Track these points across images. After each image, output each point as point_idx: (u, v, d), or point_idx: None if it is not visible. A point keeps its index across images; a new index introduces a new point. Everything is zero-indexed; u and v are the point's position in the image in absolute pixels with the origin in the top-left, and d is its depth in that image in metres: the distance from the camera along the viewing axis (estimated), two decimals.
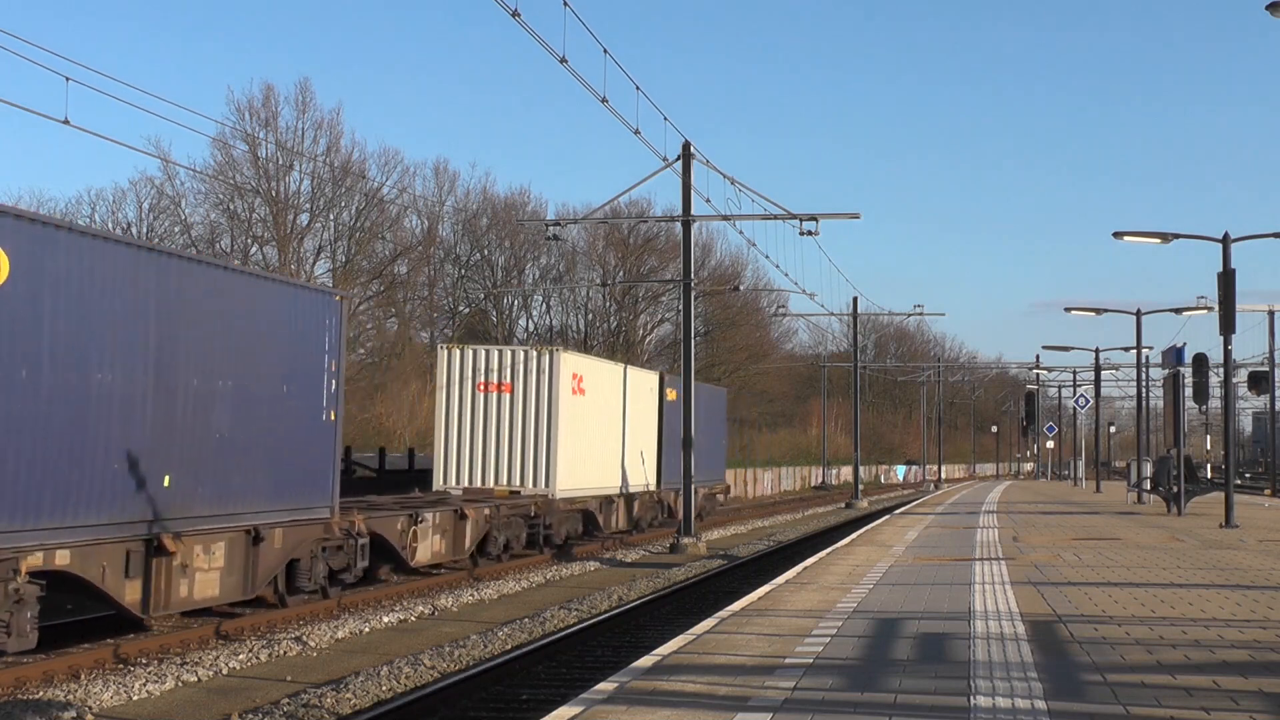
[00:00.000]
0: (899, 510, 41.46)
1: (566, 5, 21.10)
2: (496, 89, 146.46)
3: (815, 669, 9.41)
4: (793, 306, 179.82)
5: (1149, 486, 37.47)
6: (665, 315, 76.15)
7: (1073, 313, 43.83)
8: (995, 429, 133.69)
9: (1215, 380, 51.86)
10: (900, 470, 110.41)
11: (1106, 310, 43.47)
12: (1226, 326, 26.89)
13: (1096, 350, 56.33)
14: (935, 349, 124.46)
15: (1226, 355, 28.26)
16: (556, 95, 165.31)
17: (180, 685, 13.66)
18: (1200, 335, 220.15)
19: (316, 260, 60.86)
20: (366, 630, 17.72)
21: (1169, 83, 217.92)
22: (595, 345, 71.28)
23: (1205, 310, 42.98)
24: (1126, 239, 29.46)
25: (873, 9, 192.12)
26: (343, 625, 17.62)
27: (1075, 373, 76.35)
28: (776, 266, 44.90)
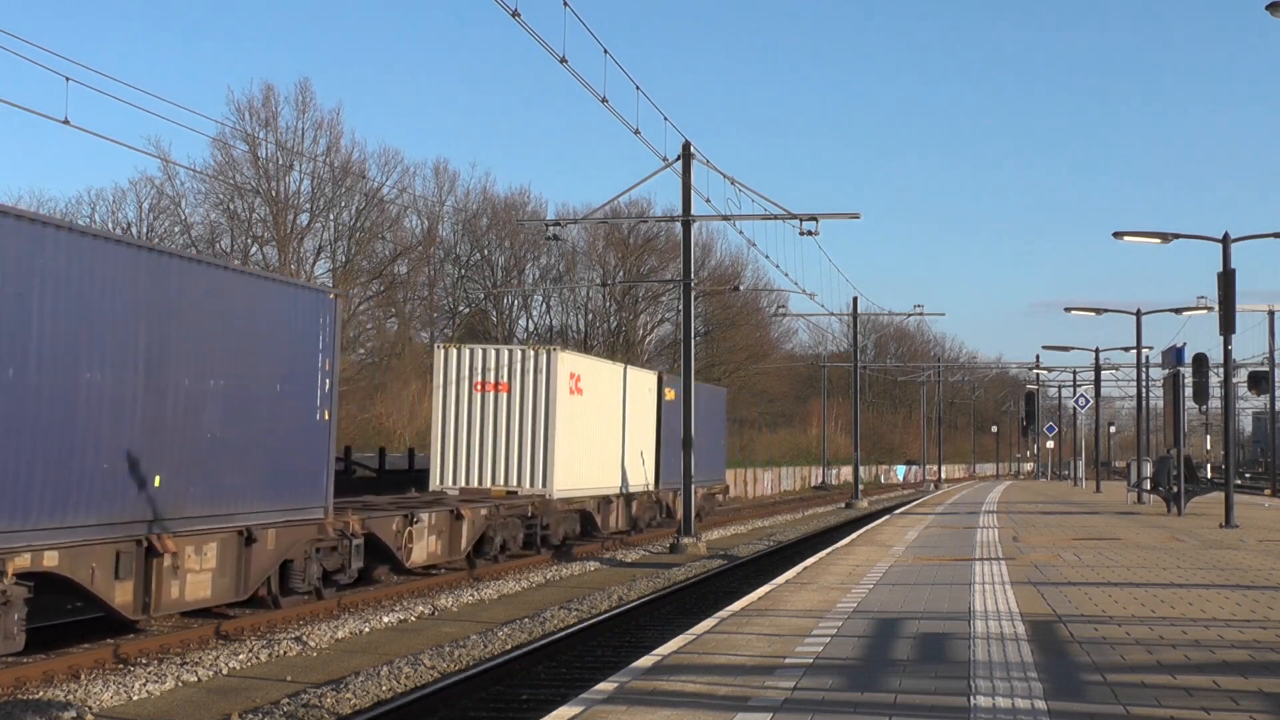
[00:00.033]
0: (899, 510, 41.46)
1: (566, 5, 21.12)
2: (496, 89, 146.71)
3: (815, 669, 9.41)
4: (793, 306, 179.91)
5: (1149, 486, 37.48)
6: (665, 315, 76.20)
7: (1073, 313, 43.86)
8: (995, 429, 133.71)
9: (1215, 380, 51.85)
10: (900, 470, 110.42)
11: (1106, 310, 43.50)
12: (1226, 326, 26.90)
13: (1096, 350, 56.42)
14: (935, 349, 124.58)
15: (1226, 355, 28.28)
16: (556, 95, 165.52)
17: (180, 685, 13.66)
18: (1200, 335, 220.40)
19: (316, 260, 60.90)
20: (366, 630, 17.72)
21: (1169, 83, 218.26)
22: (595, 345, 71.27)
23: (1205, 310, 42.99)
24: (1126, 239, 29.48)
25: (873, 9, 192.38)
26: (343, 625, 17.62)
27: (1075, 373, 76.44)
28: (776, 266, 44.96)
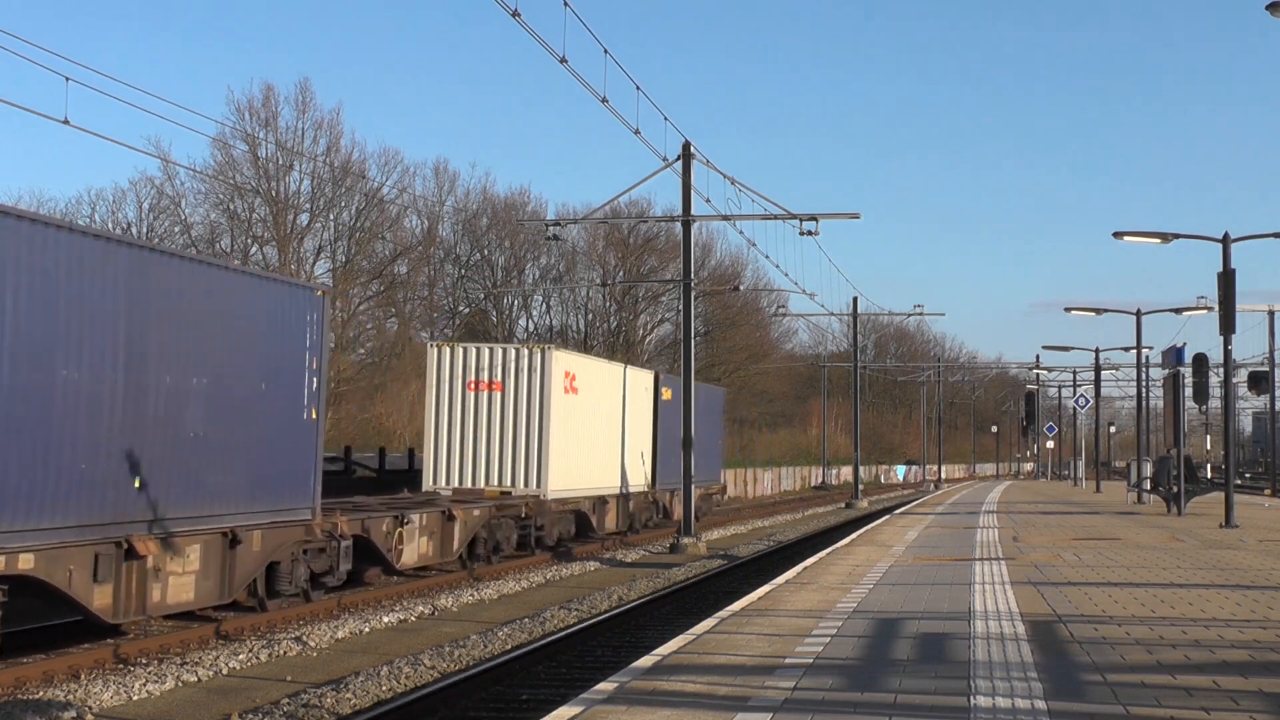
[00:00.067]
0: (899, 510, 41.45)
1: (566, 5, 21.12)
2: (496, 89, 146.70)
3: (815, 669, 9.41)
4: (793, 306, 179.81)
5: (1149, 486, 37.48)
6: (665, 315, 76.17)
7: (1073, 313, 43.85)
8: (995, 429, 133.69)
9: (1215, 380, 51.88)
10: (900, 470, 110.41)
11: (1106, 310, 43.49)
12: (1226, 326, 26.90)
13: (1096, 350, 56.42)
14: (935, 349, 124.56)
15: (1226, 355, 28.27)
16: (556, 95, 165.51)
17: (180, 685, 13.66)
18: (1200, 335, 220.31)
19: (316, 260, 60.82)
20: (366, 630, 17.72)
21: (1169, 83, 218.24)
22: (595, 345, 71.27)
23: (1205, 310, 42.99)
24: (1126, 239, 29.47)
25: (873, 9, 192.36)
26: (343, 625, 17.61)
27: (1075, 373, 76.43)
28: (776, 266, 44.97)
